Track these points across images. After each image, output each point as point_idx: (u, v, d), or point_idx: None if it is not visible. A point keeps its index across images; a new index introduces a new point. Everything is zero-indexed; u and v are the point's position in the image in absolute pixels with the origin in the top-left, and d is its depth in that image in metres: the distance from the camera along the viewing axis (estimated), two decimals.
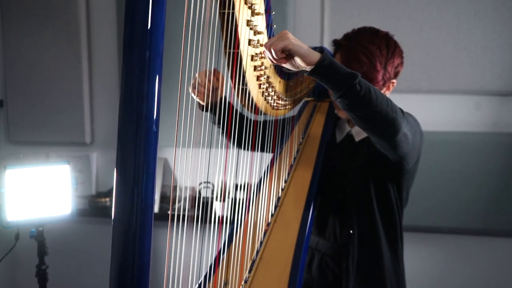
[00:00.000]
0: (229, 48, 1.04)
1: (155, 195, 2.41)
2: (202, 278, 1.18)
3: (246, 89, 1.14)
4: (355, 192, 1.45)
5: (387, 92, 1.45)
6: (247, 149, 1.44)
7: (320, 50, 1.08)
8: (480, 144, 2.36)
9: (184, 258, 0.99)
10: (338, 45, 1.45)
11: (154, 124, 0.66)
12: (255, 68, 1.13)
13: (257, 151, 1.51)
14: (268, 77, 1.20)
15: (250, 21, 1.05)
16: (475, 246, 2.45)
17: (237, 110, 1.44)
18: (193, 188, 2.59)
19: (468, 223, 2.39)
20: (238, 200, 1.37)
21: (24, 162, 2.75)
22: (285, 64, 1.10)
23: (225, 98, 1.44)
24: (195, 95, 1.36)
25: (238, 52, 1.05)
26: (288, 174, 1.52)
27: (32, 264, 2.03)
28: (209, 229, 1.18)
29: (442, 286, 2.48)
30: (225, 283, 1.17)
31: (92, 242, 2.80)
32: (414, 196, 1.52)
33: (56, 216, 2.02)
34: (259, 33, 1.08)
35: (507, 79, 2.32)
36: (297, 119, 1.72)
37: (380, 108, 1.10)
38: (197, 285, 1.16)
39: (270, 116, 1.39)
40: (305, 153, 1.57)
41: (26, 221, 1.95)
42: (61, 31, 2.74)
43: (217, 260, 1.24)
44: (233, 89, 1.14)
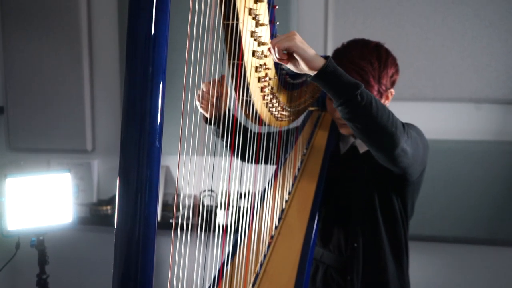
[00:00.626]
0: (233, 60, 1.03)
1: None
2: None
3: (250, 101, 1.13)
4: (360, 204, 1.43)
5: (387, 102, 1.44)
6: (251, 162, 1.42)
7: (325, 57, 1.07)
8: (485, 153, 2.34)
9: (188, 268, 0.97)
10: None
11: (157, 140, 0.65)
12: (259, 80, 1.12)
13: (261, 164, 1.50)
14: (272, 88, 1.18)
15: (255, 32, 1.04)
16: (480, 256, 2.42)
17: (241, 123, 1.42)
18: (195, 196, 2.57)
19: (472, 232, 2.37)
20: (242, 209, 1.35)
21: (25, 170, 2.74)
22: (288, 65, 1.10)
23: (229, 111, 1.42)
24: (200, 103, 1.34)
25: (242, 64, 1.04)
26: (292, 186, 1.50)
27: (33, 273, 2.01)
28: (212, 238, 1.16)
29: None
30: None
31: (94, 251, 2.78)
32: (418, 205, 1.51)
33: (57, 225, 2.01)
34: (263, 44, 1.07)
35: None
36: (301, 129, 1.71)
37: (380, 121, 1.09)
38: None
39: (274, 128, 1.38)
40: (309, 165, 1.55)
41: (27, 230, 1.94)
42: (62, 38, 2.73)
43: (221, 272, 1.22)
44: (237, 101, 1.12)
